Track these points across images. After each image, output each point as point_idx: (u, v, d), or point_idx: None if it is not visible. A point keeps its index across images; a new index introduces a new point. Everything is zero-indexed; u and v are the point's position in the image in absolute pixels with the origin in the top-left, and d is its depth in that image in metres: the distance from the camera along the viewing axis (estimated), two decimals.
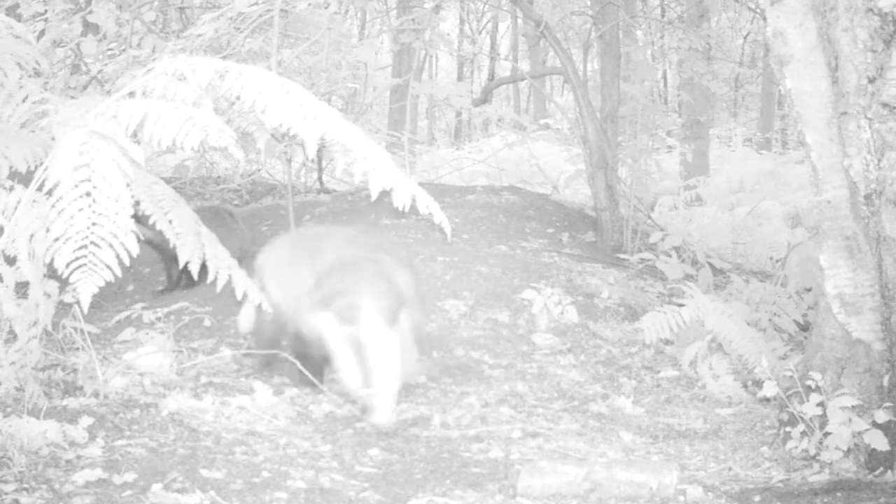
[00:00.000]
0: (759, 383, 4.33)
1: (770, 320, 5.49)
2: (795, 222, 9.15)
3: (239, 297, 3.57)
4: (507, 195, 8.44)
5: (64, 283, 3.14)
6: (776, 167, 13.43)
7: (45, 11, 7.38)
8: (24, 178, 3.39)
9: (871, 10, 3.54)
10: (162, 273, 6.42)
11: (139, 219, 3.04)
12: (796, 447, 3.79)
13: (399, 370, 4.00)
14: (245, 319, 4.88)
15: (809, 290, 5.67)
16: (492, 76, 17.26)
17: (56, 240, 2.86)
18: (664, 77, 18.21)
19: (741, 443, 4.11)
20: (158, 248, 5.64)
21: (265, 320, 4.54)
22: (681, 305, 5.05)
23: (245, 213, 7.96)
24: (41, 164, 3.24)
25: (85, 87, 7.59)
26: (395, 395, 3.99)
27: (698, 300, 5.02)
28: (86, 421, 3.58)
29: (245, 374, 4.59)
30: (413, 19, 7.91)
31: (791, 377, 3.85)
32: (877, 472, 3.62)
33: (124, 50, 7.29)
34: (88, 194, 2.88)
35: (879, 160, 3.57)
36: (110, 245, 2.86)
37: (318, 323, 4.20)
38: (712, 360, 4.86)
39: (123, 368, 4.23)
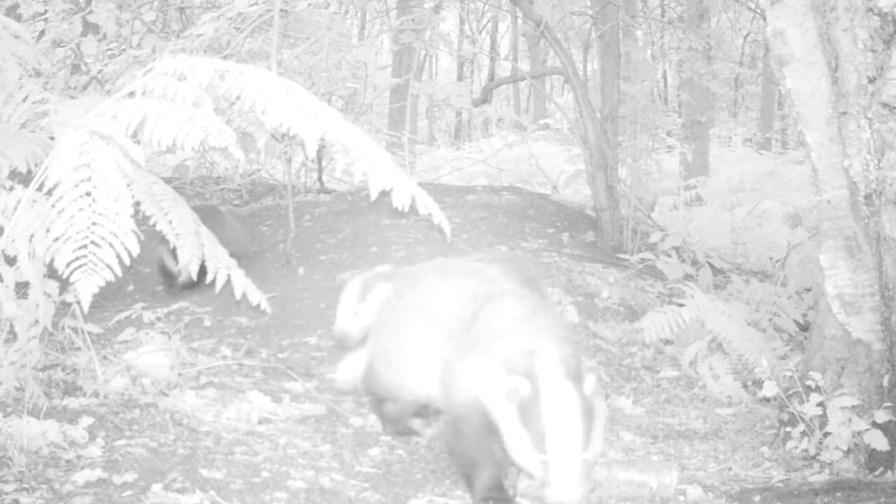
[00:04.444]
0: (759, 383, 4.33)
1: (770, 320, 5.49)
2: (795, 222, 9.14)
3: (238, 297, 3.57)
4: (507, 195, 8.45)
5: (64, 283, 3.14)
6: (776, 167, 13.44)
7: (45, 11, 7.38)
8: (24, 178, 3.39)
9: (871, 10, 3.54)
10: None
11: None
12: (796, 447, 3.79)
13: (584, 437, 3.01)
14: (347, 371, 4.15)
15: (809, 290, 5.68)
16: (492, 76, 17.26)
17: (56, 240, 2.86)
18: (664, 77, 18.21)
19: (741, 443, 4.11)
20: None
21: (380, 376, 3.82)
22: (681, 305, 5.05)
23: (245, 213, 7.97)
24: (41, 164, 3.24)
25: (85, 87, 7.60)
26: (580, 467, 2.98)
27: (698, 300, 5.03)
28: (86, 421, 3.58)
29: (244, 373, 4.59)
30: (413, 19, 7.92)
31: (791, 377, 3.85)
32: (877, 472, 3.62)
33: (124, 50, 7.30)
34: (88, 194, 2.88)
35: (879, 160, 3.57)
36: (111, 245, 2.86)
37: (473, 378, 3.22)
38: (712, 360, 4.87)
39: (123, 368, 4.23)
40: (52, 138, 3.43)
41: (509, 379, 3.04)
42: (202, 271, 3.57)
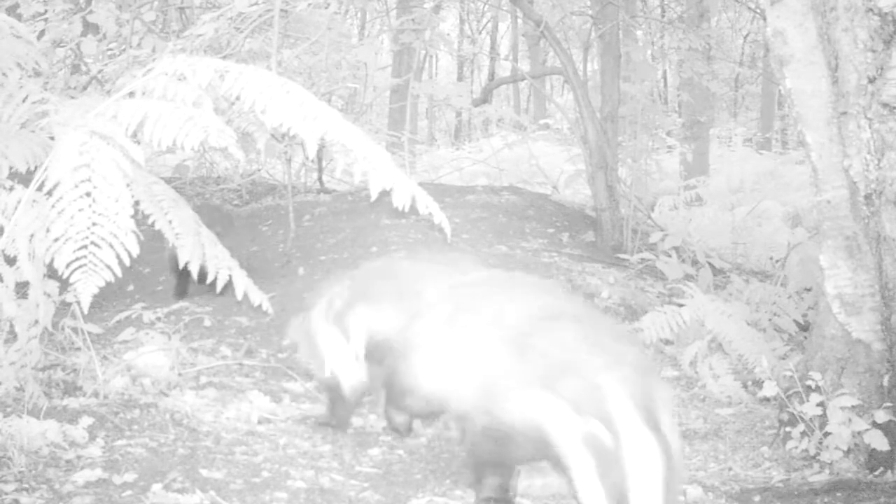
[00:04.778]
0: (759, 383, 4.33)
1: (770, 320, 5.49)
2: (795, 222, 9.14)
3: (239, 298, 3.56)
4: (507, 195, 8.45)
5: (64, 283, 3.14)
6: (776, 167, 13.42)
7: (45, 11, 7.38)
8: (24, 178, 3.39)
9: (871, 10, 3.54)
10: (162, 273, 6.41)
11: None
12: (796, 447, 3.79)
13: (667, 490, 2.68)
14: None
15: (809, 290, 5.68)
16: (492, 76, 17.27)
17: (56, 240, 2.85)
18: (664, 77, 18.22)
19: (741, 443, 4.11)
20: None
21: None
22: (681, 305, 5.05)
23: (245, 213, 7.97)
24: (41, 164, 3.24)
25: (85, 87, 7.59)
26: None
27: (698, 300, 5.03)
28: (86, 421, 3.58)
29: (244, 373, 4.59)
30: (413, 19, 7.92)
31: (791, 377, 3.85)
32: (877, 472, 3.62)
33: (124, 50, 7.29)
34: (88, 194, 2.87)
35: (879, 160, 3.57)
36: (110, 245, 2.86)
37: (535, 410, 2.91)
38: (712, 360, 4.86)
39: (123, 368, 4.24)
40: (52, 138, 3.43)
41: (584, 422, 2.72)
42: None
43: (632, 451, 2.65)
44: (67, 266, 2.84)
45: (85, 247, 2.84)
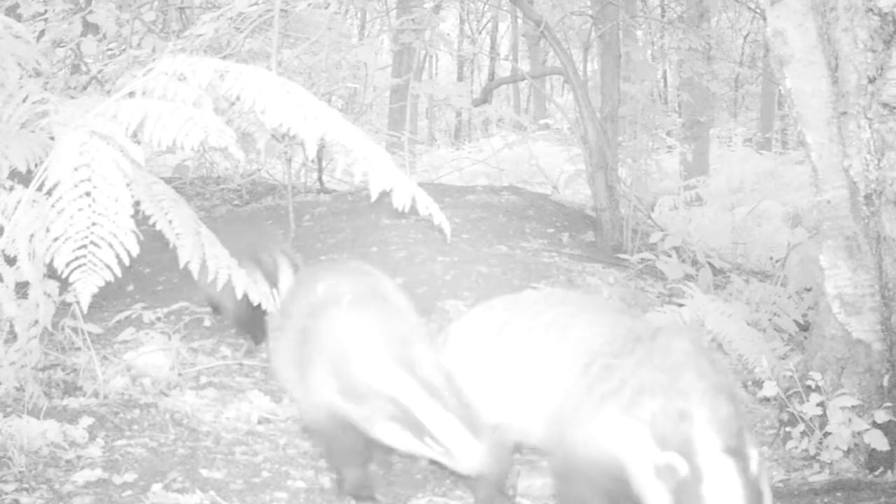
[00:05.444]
0: (759, 383, 4.33)
1: (770, 320, 5.49)
2: (795, 222, 9.14)
3: (238, 297, 3.55)
4: (507, 195, 8.45)
5: (64, 283, 3.15)
6: (776, 167, 13.42)
7: (45, 11, 7.38)
8: (24, 178, 3.39)
9: (871, 10, 3.54)
10: (162, 273, 6.40)
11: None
12: (796, 447, 3.79)
13: None
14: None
15: (809, 290, 5.68)
16: (492, 76, 17.27)
17: (56, 239, 2.86)
18: (664, 77, 18.21)
19: None
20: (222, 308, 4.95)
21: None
22: (681, 305, 5.05)
23: (245, 214, 7.97)
24: (41, 164, 3.24)
25: (85, 87, 7.59)
26: None
27: (698, 300, 5.02)
28: (86, 421, 3.58)
29: (244, 373, 4.58)
30: (413, 19, 7.92)
31: (791, 377, 3.85)
32: (877, 472, 3.62)
33: (124, 50, 7.29)
34: (88, 194, 2.88)
35: (879, 160, 3.57)
36: (110, 245, 2.86)
37: (613, 432, 2.75)
38: None
39: (123, 368, 4.24)
40: (52, 138, 3.43)
41: (662, 452, 2.58)
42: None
43: (711, 484, 2.51)
44: (67, 265, 2.84)
45: (84, 246, 2.84)
